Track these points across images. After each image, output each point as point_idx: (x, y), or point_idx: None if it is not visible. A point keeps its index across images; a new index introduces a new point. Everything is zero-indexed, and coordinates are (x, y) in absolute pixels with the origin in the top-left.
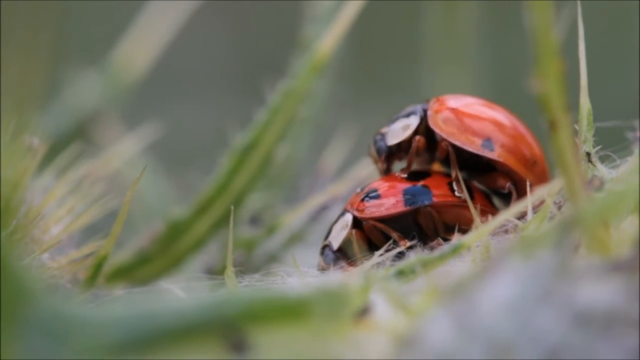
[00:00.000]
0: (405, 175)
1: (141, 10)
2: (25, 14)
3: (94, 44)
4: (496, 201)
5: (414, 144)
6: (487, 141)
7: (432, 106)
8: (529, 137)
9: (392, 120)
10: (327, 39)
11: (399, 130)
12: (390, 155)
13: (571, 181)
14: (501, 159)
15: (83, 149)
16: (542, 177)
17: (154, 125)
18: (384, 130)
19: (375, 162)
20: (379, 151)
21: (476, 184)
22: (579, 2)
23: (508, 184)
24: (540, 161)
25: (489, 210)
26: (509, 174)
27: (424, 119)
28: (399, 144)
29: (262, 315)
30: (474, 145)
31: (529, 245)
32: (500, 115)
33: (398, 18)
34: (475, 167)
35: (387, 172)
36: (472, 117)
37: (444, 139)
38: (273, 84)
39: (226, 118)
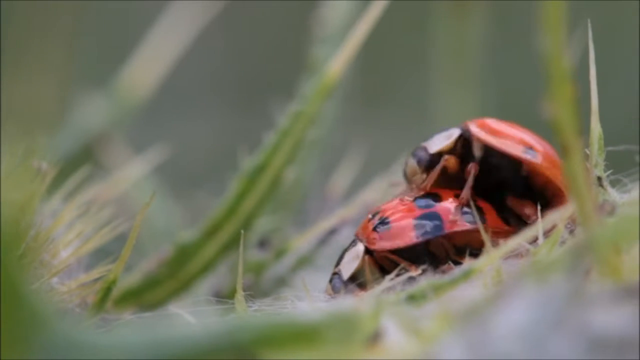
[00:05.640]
0: (413, 199)
1: (146, 30)
2: (37, 35)
3: (98, 64)
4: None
5: (441, 162)
6: (529, 149)
7: (474, 122)
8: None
9: (432, 136)
10: (337, 60)
11: (442, 139)
12: (431, 165)
13: (583, 206)
14: (544, 165)
15: (91, 172)
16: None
17: (160, 146)
18: (424, 144)
19: (411, 178)
20: (419, 162)
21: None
22: (589, 25)
23: (532, 218)
24: None
25: (502, 230)
26: (546, 186)
27: (463, 135)
28: (440, 153)
29: (274, 341)
30: (516, 150)
31: (542, 270)
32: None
33: (405, 35)
34: (509, 184)
35: (424, 185)
36: (514, 128)
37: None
38: (281, 103)
39: (231, 137)
